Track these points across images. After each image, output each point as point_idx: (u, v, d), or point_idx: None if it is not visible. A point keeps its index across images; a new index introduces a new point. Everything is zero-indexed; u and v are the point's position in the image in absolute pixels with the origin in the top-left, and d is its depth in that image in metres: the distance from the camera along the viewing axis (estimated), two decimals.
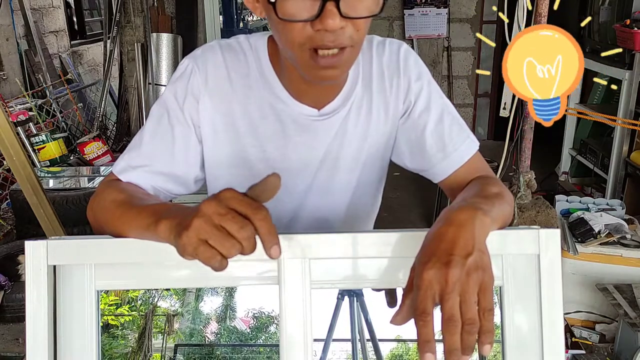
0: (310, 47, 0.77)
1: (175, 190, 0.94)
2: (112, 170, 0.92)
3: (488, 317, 0.60)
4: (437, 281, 0.60)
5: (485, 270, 0.62)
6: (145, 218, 0.71)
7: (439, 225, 0.66)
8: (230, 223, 0.60)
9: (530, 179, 2.66)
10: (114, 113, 5.34)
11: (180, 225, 0.63)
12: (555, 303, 0.71)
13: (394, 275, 0.73)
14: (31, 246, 0.73)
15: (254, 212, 0.61)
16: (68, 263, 0.74)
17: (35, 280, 0.72)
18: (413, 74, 0.97)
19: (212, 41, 0.97)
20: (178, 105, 0.91)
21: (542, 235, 0.72)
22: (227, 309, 0.80)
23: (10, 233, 3.54)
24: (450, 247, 0.62)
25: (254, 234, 0.60)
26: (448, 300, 0.59)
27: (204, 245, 0.60)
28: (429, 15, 5.02)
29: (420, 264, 0.62)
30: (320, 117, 0.94)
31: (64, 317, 0.74)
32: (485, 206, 0.70)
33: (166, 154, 0.91)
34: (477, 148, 0.98)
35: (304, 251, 0.71)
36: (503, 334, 0.73)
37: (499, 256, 0.72)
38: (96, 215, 0.85)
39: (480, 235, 0.65)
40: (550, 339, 0.71)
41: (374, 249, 0.72)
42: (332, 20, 0.73)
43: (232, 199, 0.61)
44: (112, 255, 0.74)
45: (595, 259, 2.45)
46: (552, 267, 0.72)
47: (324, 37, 0.75)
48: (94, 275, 0.74)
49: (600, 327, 2.47)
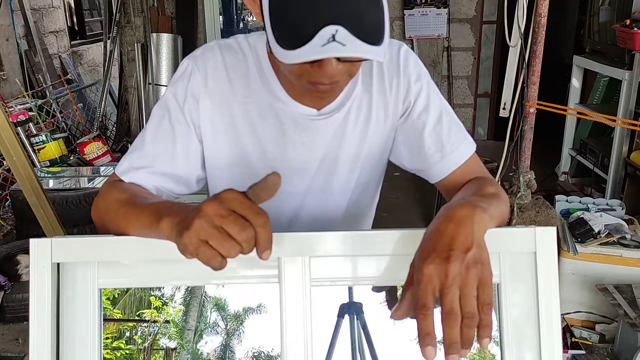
0: (307, 80, 0.78)
1: (178, 190, 0.94)
2: (115, 171, 0.92)
3: (487, 311, 0.61)
4: (437, 275, 0.61)
5: (484, 265, 0.63)
6: (148, 216, 0.72)
7: (438, 221, 0.67)
8: (231, 225, 0.60)
9: (530, 179, 2.66)
10: (114, 113, 5.34)
11: (182, 224, 0.63)
12: (552, 300, 0.72)
13: (393, 273, 0.74)
14: (36, 244, 0.73)
15: (254, 216, 0.61)
16: (72, 261, 0.75)
17: (39, 278, 0.73)
18: (413, 74, 0.97)
19: (212, 41, 0.97)
20: (178, 105, 0.92)
21: (539, 233, 0.73)
22: (226, 349, 0.80)
23: (10, 233, 3.54)
24: (450, 242, 0.63)
25: (253, 237, 0.61)
26: (448, 294, 0.60)
27: (205, 245, 0.60)
28: (429, 15, 5.02)
29: (420, 259, 0.63)
30: (319, 116, 0.94)
31: (66, 315, 0.75)
32: (483, 204, 0.71)
33: (168, 154, 0.91)
34: (474, 150, 0.98)
35: (304, 249, 0.72)
36: (501, 331, 0.74)
37: (497, 254, 0.73)
38: (100, 215, 0.86)
39: (479, 232, 0.66)
40: (547, 335, 0.72)
41: (373, 247, 0.73)
42: (330, 67, 0.74)
43: (233, 201, 0.62)
44: (114, 253, 0.75)
45: (595, 259, 2.45)
46: (549, 265, 0.73)
47: (322, 77, 0.76)
48: (97, 274, 0.75)
49: (600, 327, 2.47)
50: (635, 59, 3.14)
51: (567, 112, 3.75)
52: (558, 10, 4.04)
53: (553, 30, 3.30)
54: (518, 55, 2.75)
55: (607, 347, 2.37)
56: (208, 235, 0.60)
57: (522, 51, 2.61)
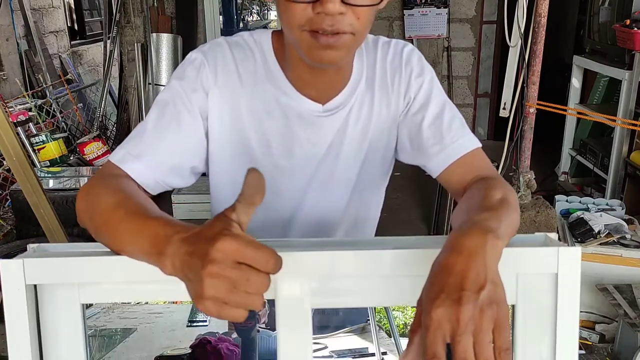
0: (309, 29, 0.78)
1: (174, 182, 0.91)
2: (110, 159, 0.87)
3: (505, 358, 0.55)
4: (447, 320, 0.54)
5: (500, 304, 0.56)
6: (145, 243, 0.64)
7: (446, 253, 0.60)
8: (246, 285, 0.54)
9: (530, 179, 2.67)
10: (114, 113, 5.33)
11: (190, 283, 0.57)
12: (571, 325, 0.66)
13: (397, 293, 0.69)
14: (6, 265, 0.66)
15: (265, 265, 0.55)
16: (48, 282, 0.68)
17: (13, 301, 0.66)
18: (415, 70, 0.98)
19: (219, 37, 0.97)
20: (186, 95, 0.90)
21: (562, 253, 0.65)
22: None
23: (10, 233, 3.54)
24: (461, 281, 0.56)
25: (270, 282, 0.56)
26: (460, 342, 0.53)
27: (225, 308, 0.55)
28: (428, 15, 5.02)
29: (429, 300, 0.56)
30: (324, 113, 0.95)
31: (49, 334, 0.69)
32: (494, 223, 0.64)
33: (169, 143, 0.88)
34: (479, 145, 0.95)
35: (302, 270, 0.66)
36: (515, 355, 0.68)
37: (514, 274, 0.67)
38: (89, 214, 0.80)
39: (492, 264, 0.59)
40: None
41: (375, 266, 0.67)
42: (332, 4, 0.74)
43: (234, 254, 0.55)
44: (96, 275, 0.67)
45: (595, 259, 2.45)
46: (571, 288, 0.66)
47: (323, 21, 0.76)
48: (79, 292, 0.68)
49: (600, 327, 2.47)
50: (635, 59, 3.14)
51: (567, 112, 3.75)
52: (558, 10, 4.03)
53: (553, 30, 3.31)
54: (518, 55, 2.75)
55: (607, 347, 2.37)
56: (225, 300, 0.54)
57: (522, 51, 2.62)
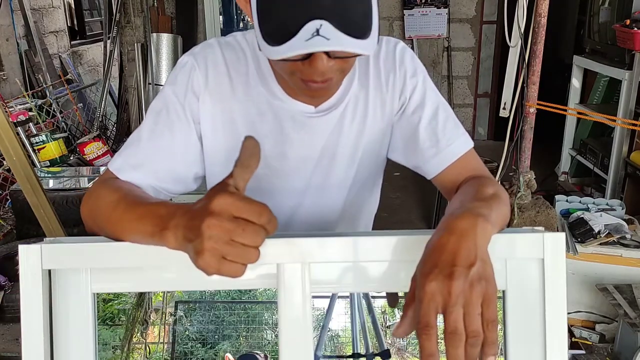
0: (300, 77, 0.79)
1: (175, 189, 0.92)
2: (109, 167, 0.89)
3: (492, 329, 0.59)
4: (439, 293, 0.59)
5: (489, 280, 0.61)
6: (148, 225, 0.68)
7: (439, 234, 0.64)
8: (243, 236, 0.59)
9: (530, 179, 2.67)
10: (114, 113, 5.34)
11: (191, 243, 0.61)
12: (559, 308, 0.70)
13: (394, 278, 0.72)
14: (25, 250, 0.70)
15: (259, 217, 0.60)
16: (63, 267, 0.71)
17: (30, 285, 0.70)
18: (409, 70, 0.97)
19: (211, 39, 0.97)
20: (178, 101, 0.91)
21: (547, 238, 0.70)
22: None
23: (10, 233, 3.55)
24: (453, 257, 0.61)
25: (265, 236, 0.60)
26: (452, 313, 0.58)
27: (224, 262, 0.59)
28: (428, 15, 5.02)
29: (422, 275, 0.61)
30: (317, 113, 0.95)
31: (60, 321, 0.72)
32: (484, 210, 0.68)
33: (166, 150, 0.89)
34: (472, 146, 0.97)
35: (303, 255, 0.70)
36: (506, 339, 0.71)
37: (503, 260, 0.71)
38: (92, 215, 0.83)
39: (483, 244, 0.64)
40: (553, 344, 0.70)
41: (373, 252, 0.71)
42: (320, 62, 0.74)
43: (230, 207, 0.59)
44: (108, 260, 0.71)
45: (595, 259, 2.45)
46: (557, 272, 0.70)
47: (313, 74, 0.76)
48: (90, 279, 0.72)
49: (600, 327, 2.48)
50: (635, 59, 3.14)
51: (567, 112, 3.75)
52: (558, 10, 4.04)
53: (553, 30, 3.30)
54: (518, 55, 2.75)
55: (607, 347, 2.37)
56: (224, 253, 0.59)
57: (522, 51, 2.62)
